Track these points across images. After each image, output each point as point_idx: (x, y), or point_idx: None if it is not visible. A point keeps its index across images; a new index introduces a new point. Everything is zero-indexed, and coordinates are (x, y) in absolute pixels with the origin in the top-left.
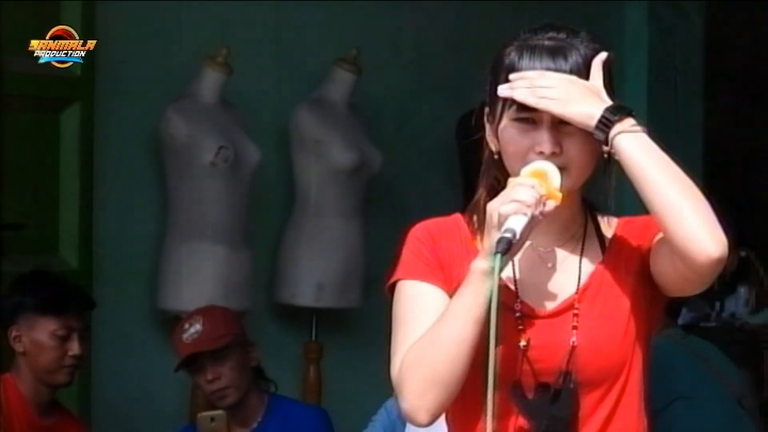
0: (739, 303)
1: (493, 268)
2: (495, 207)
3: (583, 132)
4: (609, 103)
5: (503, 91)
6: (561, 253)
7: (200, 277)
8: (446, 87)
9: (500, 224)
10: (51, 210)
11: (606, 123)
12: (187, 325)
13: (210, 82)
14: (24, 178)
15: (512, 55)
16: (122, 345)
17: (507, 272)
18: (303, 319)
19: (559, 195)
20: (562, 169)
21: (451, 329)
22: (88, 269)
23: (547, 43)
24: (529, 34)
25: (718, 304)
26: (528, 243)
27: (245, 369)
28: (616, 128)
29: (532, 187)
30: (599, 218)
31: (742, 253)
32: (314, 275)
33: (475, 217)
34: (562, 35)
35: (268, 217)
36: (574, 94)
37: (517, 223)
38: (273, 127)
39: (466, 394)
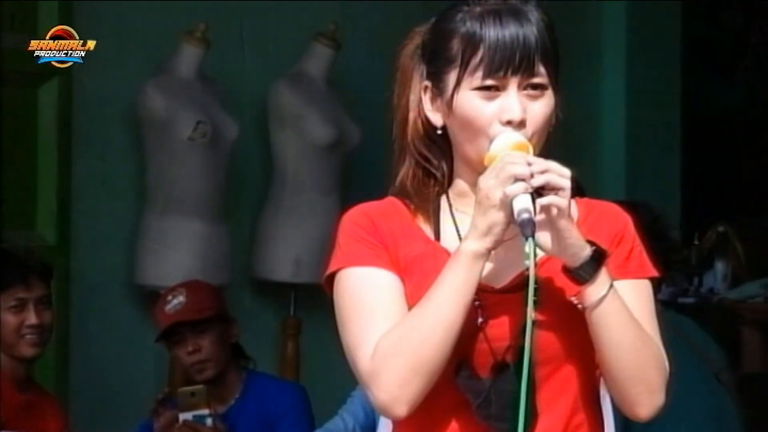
0: (717, 278)
1: (527, 255)
2: (492, 186)
3: (547, 96)
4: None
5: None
6: (512, 227)
7: (178, 252)
8: None
9: (504, 205)
10: (29, 185)
11: (590, 270)
12: (170, 297)
13: (188, 57)
14: (1, 154)
15: (470, 23)
16: (100, 320)
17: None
18: (281, 294)
19: None
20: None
21: (437, 315)
22: (65, 244)
23: (505, 6)
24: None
25: (696, 280)
26: (468, 216)
27: (225, 344)
28: (599, 290)
29: (527, 162)
30: None
31: (720, 229)
32: (292, 251)
33: (409, 200)
34: None
35: (246, 192)
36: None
37: (526, 201)
38: (251, 102)
39: None
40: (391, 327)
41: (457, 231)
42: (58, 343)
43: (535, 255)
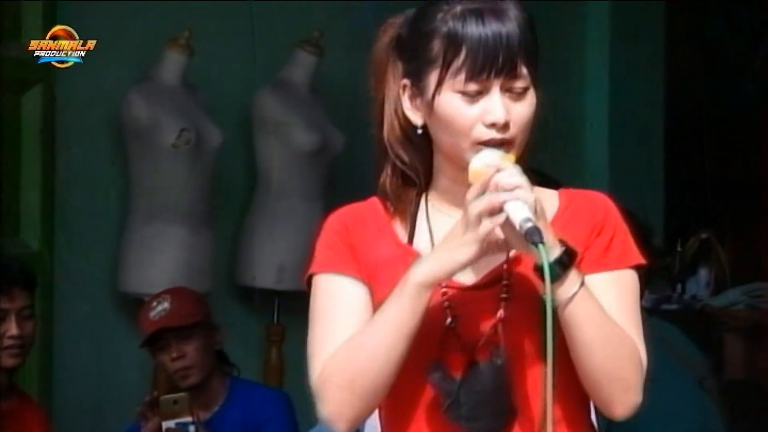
0: (700, 285)
1: (542, 267)
2: (489, 200)
3: (529, 95)
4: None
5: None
6: None
7: (162, 259)
8: None
9: (494, 213)
10: (12, 193)
11: (558, 269)
12: (155, 303)
13: (172, 64)
14: None
15: (451, 22)
16: (83, 327)
17: (427, 250)
18: (265, 301)
19: None
20: (509, 143)
21: (378, 340)
22: (49, 252)
23: (486, 5)
24: None
25: (679, 286)
26: (447, 216)
27: (209, 351)
28: (569, 289)
29: (518, 173)
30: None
31: (703, 235)
32: (276, 257)
33: (388, 202)
34: None
35: (230, 199)
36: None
37: (524, 211)
38: (235, 110)
39: (400, 391)
40: (341, 344)
41: (431, 234)
42: (41, 350)
43: (549, 261)
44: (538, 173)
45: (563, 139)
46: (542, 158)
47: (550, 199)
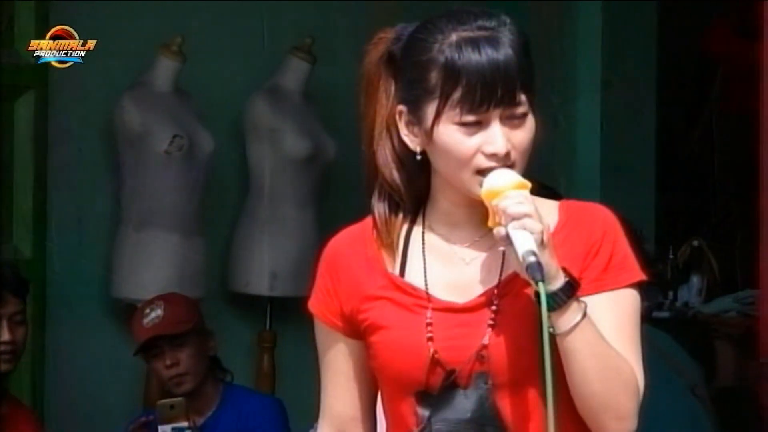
0: (691, 292)
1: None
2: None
3: (528, 121)
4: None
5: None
6: (483, 245)
7: (154, 265)
8: None
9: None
10: (5, 199)
11: (559, 300)
12: (147, 310)
13: (164, 70)
14: None
15: (448, 51)
16: (76, 333)
17: (417, 276)
18: (257, 307)
19: None
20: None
21: None
22: (41, 257)
23: (481, 33)
24: (454, 23)
25: (671, 294)
26: (438, 237)
27: (203, 357)
28: (572, 317)
29: (526, 200)
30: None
31: (695, 243)
32: (268, 264)
33: (376, 228)
34: (493, 23)
35: (223, 205)
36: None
37: (530, 243)
38: (227, 116)
39: (393, 421)
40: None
41: (424, 263)
42: (33, 356)
43: (548, 299)
44: (540, 184)
45: (553, 143)
46: (533, 167)
47: (550, 211)
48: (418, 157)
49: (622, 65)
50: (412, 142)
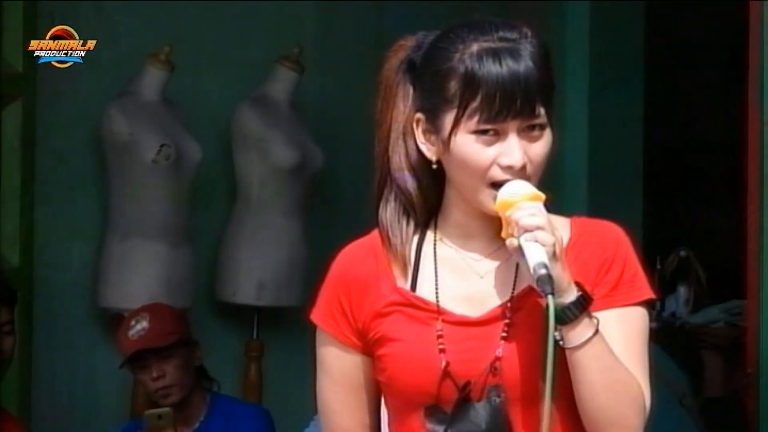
0: (679, 302)
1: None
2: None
3: (546, 134)
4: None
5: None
6: (497, 258)
7: (141, 275)
8: None
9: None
10: None
11: (571, 315)
12: (133, 322)
13: (152, 79)
14: None
15: (468, 61)
16: (63, 343)
17: (428, 289)
18: (244, 317)
19: None
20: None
21: None
22: (29, 267)
23: (502, 44)
24: (475, 34)
25: (658, 304)
26: (451, 249)
27: (189, 368)
28: (583, 332)
29: (540, 212)
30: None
31: (682, 253)
32: (255, 273)
33: (385, 240)
34: (515, 35)
35: (210, 215)
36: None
37: (541, 255)
38: (215, 125)
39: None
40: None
41: (436, 277)
42: (21, 365)
43: (559, 313)
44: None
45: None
46: None
47: (562, 228)
48: (434, 167)
49: (610, 71)
50: (429, 151)
